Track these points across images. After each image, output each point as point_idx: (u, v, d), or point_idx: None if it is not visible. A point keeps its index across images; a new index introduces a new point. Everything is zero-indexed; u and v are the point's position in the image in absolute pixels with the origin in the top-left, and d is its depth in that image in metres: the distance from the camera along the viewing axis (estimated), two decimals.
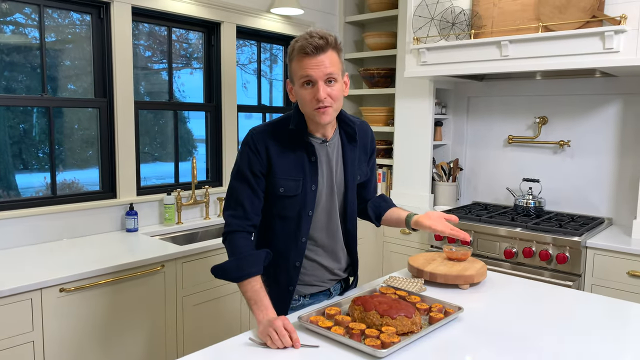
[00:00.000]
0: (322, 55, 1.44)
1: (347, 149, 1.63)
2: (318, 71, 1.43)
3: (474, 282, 1.81)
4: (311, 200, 1.57)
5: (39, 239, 2.47)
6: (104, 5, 2.67)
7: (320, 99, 1.44)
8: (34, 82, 2.52)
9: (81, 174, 2.74)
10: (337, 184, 1.63)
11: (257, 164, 1.54)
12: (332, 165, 1.61)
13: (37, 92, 2.52)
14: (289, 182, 1.55)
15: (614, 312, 1.61)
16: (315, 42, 1.42)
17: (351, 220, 1.70)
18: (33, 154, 2.54)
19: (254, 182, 1.54)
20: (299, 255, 1.61)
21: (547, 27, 2.62)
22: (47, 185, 2.60)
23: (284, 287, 1.62)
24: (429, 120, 3.50)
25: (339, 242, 1.68)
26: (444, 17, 3.02)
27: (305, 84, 1.46)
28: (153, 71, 3.03)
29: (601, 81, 3.06)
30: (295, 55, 1.46)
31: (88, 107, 2.70)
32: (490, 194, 3.59)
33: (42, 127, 2.56)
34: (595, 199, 3.15)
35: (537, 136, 3.31)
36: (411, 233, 1.65)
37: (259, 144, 1.54)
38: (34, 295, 1.90)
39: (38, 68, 2.52)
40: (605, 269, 2.60)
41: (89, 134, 2.73)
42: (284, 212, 1.59)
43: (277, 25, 3.52)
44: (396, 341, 1.30)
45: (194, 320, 2.45)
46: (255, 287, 1.47)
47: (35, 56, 2.51)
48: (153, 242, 2.53)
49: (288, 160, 1.55)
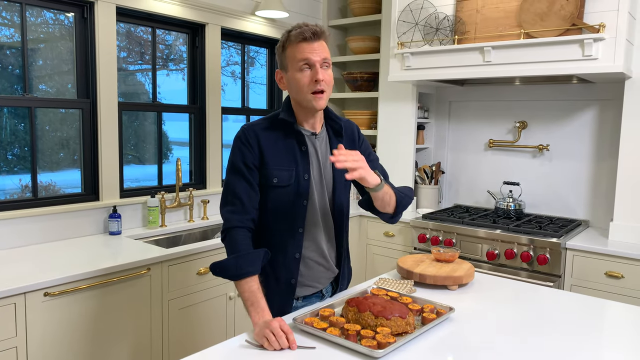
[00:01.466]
0: (318, 42, 1.52)
1: (334, 144, 1.68)
2: (316, 55, 1.51)
3: (462, 283, 1.84)
4: (304, 188, 1.60)
5: (19, 242, 2.41)
6: (88, 5, 2.63)
7: (319, 80, 1.51)
8: (9, 82, 2.46)
9: (57, 176, 2.68)
10: (325, 177, 1.66)
11: (249, 156, 1.56)
12: (320, 159, 1.65)
13: (8, 92, 2.46)
14: (282, 172, 1.58)
15: (598, 311, 1.66)
16: (312, 29, 1.51)
17: (340, 214, 1.71)
18: (1, 156, 2.47)
19: (249, 175, 1.57)
20: (298, 246, 1.62)
21: (528, 34, 2.69)
22: (22, 187, 2.53)
23: (285, 282, 1.63)
24: (412, 124, 3.55)
25: (330, 236, 1.70)
26: (428, 22, 3.07)
27: (302, 68, 1.52)
28: (128, 72, 2.99)
29: (578, 87, 3.15)
30: (292, 41, 1.53)
31: (71, 108, 2.65)
32: (472, 197, 3.66)
33: (12, 128, 2.49)
34: (572, 201, 3.24)
35: (517, 140, 3.38)
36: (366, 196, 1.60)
37: (250, 137, 1.57)
38: (17, 300, 1.86)
39: (16, 68, 2.46)
40: (583, 270, 2.68)
41: (64, 136, 2.68)
42: (278, 204, 1.60)
43: (261, 27, 3.52)
44: (392, 341, 1.31)
45: (179, 324, 2.43)
46: (252, 287, 1.47)
47: (12, 55, 2.45)
48: (137, 245, 2.49)
49: (280, 151, 1.58)
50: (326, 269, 1.71)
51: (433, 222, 3.15)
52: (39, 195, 2.56)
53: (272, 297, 1.61)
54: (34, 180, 2.54)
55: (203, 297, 2.51)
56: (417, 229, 3.22)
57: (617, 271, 2.58)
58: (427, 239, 3.16)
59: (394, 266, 3.37)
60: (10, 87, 2.46)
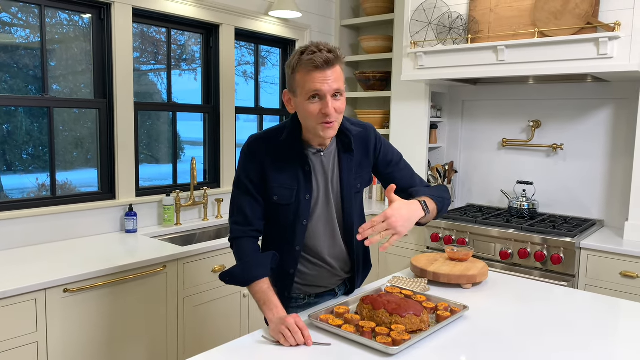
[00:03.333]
0: (331, 70, 1.41)
1: (343, 158, 1.60)
2: (327, 86, 1.41)
3: (476, 281, 1.85)
4: (305, 209, 1.57)
5: (37, 240, 2.45)
6: (105, 6, 2.67)
7: (329, 114, 1.42)
8: (25, 82, 2.51)
9: (73, 175, 2.73)
10: (333, 193, 1.61)
11: (253, 170, 1.56)
12: (327, 175, 1.59)
13: (24, 92, 2.50)
14: (282, 190, 1.55)
15: (613, 310, 1.66)
16: (325, 56, 1.39)
17: (350, 227, 1.65)
18: (17, 155, 2.52)
19: (252, 189, 1.56)
20: (294, 263, 1.62)
21: (542, 32, 2.68)
22: (39, 186, 2.58)
23: (280, 292, 1.63)
24: (425, 123, 3.55)
25: (340, 249, 1.66)
26: (441, 21, 3.07)
27: (312, 98, 1.42)
28: (142, 72, 3.02)
29: (593, 86, 3.13)
30: (302, 67, 1.42)
31: (88, 108, 2.69)
32: (485, 196, 3.65)
33: (27, 128, 2.54)
34: (587, 201, 3.22)
35: (531, 139, 3.37)
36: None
37: (255, 150, 1.56)
38: (38, 296, 1.90)
39: (33, 69, 2.51)
40: (598, 270, 2.66)
41: (80, 135, 2.72)
42: (278, 220, 1.60)
43: (275, 28, 3.54)
44: (407, 339, 1.32)
45: (195, 320, 2.46)
46: (263, 288, 1.49)
47: (30, 56, 2.50)
48: (153, 243, 2.53)
49: (282, 169, 1.55)
50: (332, 274, 1.69)
51: (446, 222, 3.14)
52: (56, 194, 2.61)
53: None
54: (53, 179, 2.58)
55: (218, 294, 2.54)
56: (430, 228, 3.22)
57: (632, 271, 2.56)
58: (440, 238, 3.16)
59: (406, 265, 3.38)
60: (25, 87, 2.51)
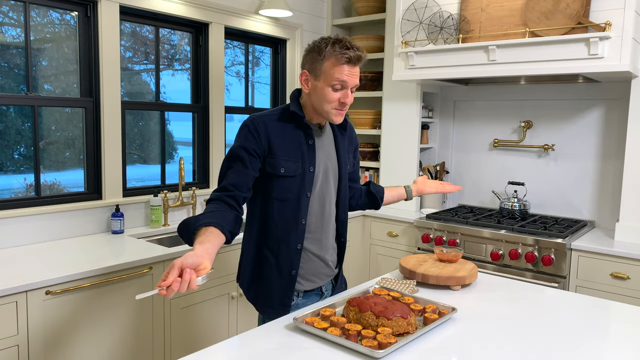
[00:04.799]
0: (357, 67, 1.58)
1: (338, 138, 1.75)
2: (353, 80, 1.57)
3: (465, 283, 1.82)
4: (309, 181, 1.64)
5: (22, 240, 2.41)
6: (91, 4, 2.63)
7: (347, 104, 1.59)
8: (15, 81, 2.47)
9: (62, 175, 2.68)
10: (332, 170, 1.71)
11: (253, 143, 1.58)
12: (327, 150, 1.71)
13: (15, 91, 2.46)
14: (289, 162, 1.61)
15: (603, 312, 1.64)
16: (357, 54, 1.54)
17: (344, 208, 1.77)
18: (7, 155, 2.48)
19: (247, 159, 1.57)
20: (300, 237, 1.65)
21: (533, 32, 2.67)
22: (27, 186, 2.54)
23: (286, 272, 1.65)
24: (416, 124, 3.53)
25: (331, 230, 1.74)
26: (432, 21, 3.05)
27: (336, 87, 1.55)
28: (134, 72, 2.99)
29: (584, 87, 3.12)
30: (334, 57, 1.53)
31: (74, 107, 2.65)
32: (476, 197, 3.63)
33: (18, 127, 2.49)
34: (578, 202, 3.21)
35: (522, 140, 3.36)
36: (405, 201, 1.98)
37: (259, 126, 1.59)
38: (19, 298, 1.86)
39: (20, 67, 2.46)
40: (589, 271, 2.65)
41: (70, 135, 2.68)
42: (283, 194, 1.63)
43: (265, 27, 3.51)
44: (393, 342, 1.30)
45: (181, 323, 2.42)
46: (210, 230, 1.37)
47: (18, 55, 2.46)
48: (140, 244, 2.49)
49: (287, 142, 1.62)
50: (325, 264, 1.73)
51: (437, 222, 3.13)
52: (42, 194, 2.56)
53: (274, 289, 1.65)
54: (37, 179, 2.54)
55: (205, 296, 2.51)
56: (420, 229, 3.20)
57: (622, 272, 2.55)
58: (431, 239, 3.14)
59: (397, 266, 3.36)
60: (17, 86, 2.47)
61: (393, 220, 3.41)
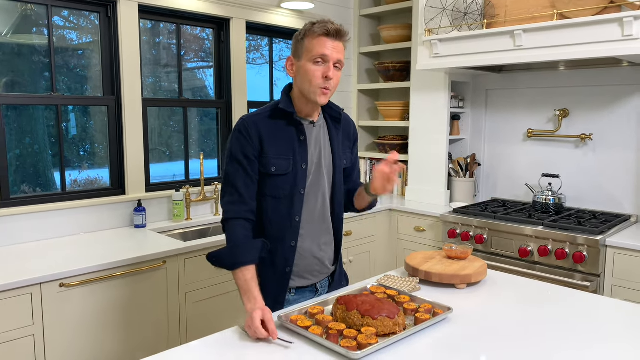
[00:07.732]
0: (338, 42, 1.54)
1: (332, 131, 1.69)
2: (334, 53, 1.53)
3: (471, 281, 1.73)
4: (302, 178, 1.61)
5: (46, 235, 2.51)
6: (111, 4, 2.69)
7: (330, 77, 1.53)
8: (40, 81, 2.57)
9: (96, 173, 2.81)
10: (325, 165, 1.67)
11: (248, 147, 1.57)
12: (320, 145, 1.66)
13: (42, 91, 2.56)
14: (280, 160, 1.59)
15: (621, 315, 1.51)
16: (337, 27, 1.53)
17: (339, 204, 1.72)
18: (74, 152, 2.69)
19: (248, 166, 1.58)
20: (294, 234, 1.63)
21: (562, 14, 2.50)
22: (71, 182, 2.68)
23: (281, 269, 1.64)
24: (445, 114, 3.40)
25: (326, 226, 1.69)
26: (456, 7, 2.92)
27: (317, 61, 1.52)
28: (187, 70, 3.09)
29: (626, 71, 2.89)
30: (313, 32, 1.53)
31: (96, 105, 2.73)
32: (510, 190, 3.46)
33: (83, 126, 2.66)
34: (618, 195, 2.99)
35: (558, 130, 3.16)
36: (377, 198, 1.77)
37: (250, 128, 1.58)
38: (33, 290, 1.94)
39: (45, 68, 2.56)
40: (627, 269, 2.46)
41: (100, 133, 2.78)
42: (276, 192, 1.61)
43: (288, 20, 3.48)
44: (373, 342, 1.24)
45: (195, 316, 2.45)
46: (246, 276, 1.49)
47: (42, 55, 2.55)
48: (158, 238, 2.54)
49: (278, 140, 1.59)
50: (320, 262, 1.69)
51: (464, 217, 3.00)
52: (67, 190, 2.66)
53: (268, 286, 1.64)
54: (62, 174, 2.64)
55: (219, 290, 2.53)
56: (447, 224, 3.09)
57: None
58: (458, 234, 3.02)
59: None
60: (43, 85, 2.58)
61: (420, 215, 3.31)
